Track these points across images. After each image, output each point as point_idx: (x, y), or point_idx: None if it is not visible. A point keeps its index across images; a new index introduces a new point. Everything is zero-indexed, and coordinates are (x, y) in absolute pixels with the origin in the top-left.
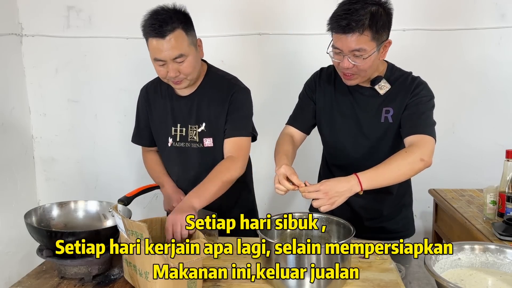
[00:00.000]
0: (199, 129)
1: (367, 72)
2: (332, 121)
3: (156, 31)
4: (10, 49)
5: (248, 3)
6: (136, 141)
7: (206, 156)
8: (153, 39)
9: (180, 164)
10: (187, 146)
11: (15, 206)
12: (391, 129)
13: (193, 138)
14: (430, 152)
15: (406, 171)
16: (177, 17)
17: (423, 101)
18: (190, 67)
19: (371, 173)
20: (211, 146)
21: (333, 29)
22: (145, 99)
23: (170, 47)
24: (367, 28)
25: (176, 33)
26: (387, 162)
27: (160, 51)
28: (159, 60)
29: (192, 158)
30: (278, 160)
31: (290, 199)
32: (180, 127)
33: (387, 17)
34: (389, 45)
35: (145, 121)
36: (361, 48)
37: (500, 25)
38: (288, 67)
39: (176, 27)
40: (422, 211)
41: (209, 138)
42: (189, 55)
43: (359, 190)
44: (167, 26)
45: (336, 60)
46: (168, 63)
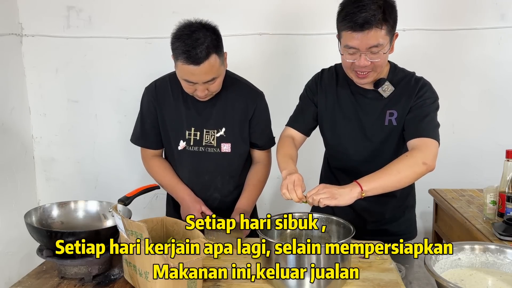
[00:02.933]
0: (218, 134)
1: (382, 67)
2: (334, 124)
3: (191, 58)
4: (10, 49)
5: (248, 3)
6: (140, 143)
7: (222, 161)
8: (185, 65)
9: (192, 168)
10: (202, 150)
11: (15, 206)
12: (395, 132)
13: (210, 142)
14: (433, 155)
15: (408, 175)
16: (211, 39)
17: (427, 103)
18: (219, 85)
19: (372, 178)
20: (228, 151)
21: (348, 28)
22: (154, 98)
23: (203, 72)
24: (384, 22)
25: (210, 59)
26: (389, 167)
27: (192, 75)
28: (189, 82)
29: (206, 163)
30: (285, 164)
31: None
32: (194, 130)
33: (394, 9)
34: (395, 38)
35: (152, 122)
36: (378, 43)
37: (500, 25)
38: (288, 67)
39: (210, 52)
40: (422, 211)
41: (227, 143)
42: (220, 76)
43: (360, 191)
44: (202, 52)
45: (351, 60)
46: (198, 84)
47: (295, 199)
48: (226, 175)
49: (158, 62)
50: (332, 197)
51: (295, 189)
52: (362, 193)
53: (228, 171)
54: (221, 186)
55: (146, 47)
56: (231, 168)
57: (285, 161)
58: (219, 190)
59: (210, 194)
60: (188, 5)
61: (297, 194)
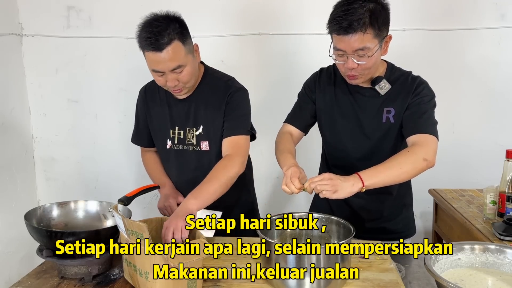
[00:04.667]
0: (197, 132)
1: (371, 69)
2: (332, 122)
3: (152, 45)
4: (10, 49)
5: (248, 3)
6: (135, 141)
7: (202, 159)
8: (149, 52)
9: (178, 166)
10: (185, 148)
11: (15, 206)
12: (393, 129)
13: (191, 141)
14: (433, 152)
15: (408, 170)
16: (173, 27)
17: (424, 100)
18: (188, 75)
19: (373, 171)
20: (207, 149)
21: (334, 31)
22: (144, 101)
23: (167, 59)
24: (369, 26)
25: (173, 45)
26: (389, 161)
27: (157, 63)
28: (157, 72)
29: (189, 161)
30: (284, 160)
31: (290, 199)
32: (178, 129)
33: (385, 12)
34: (389, 40)
35: (144, 122)
36: (364, 47)
37: (500, 25)
38: (288, 67)
39: (172, 38)
40: (422, 211)
41: (205, 141)
42: (187, 65)
43: (361, 186)
44: (163, 38)
45: (340, 61)
46: (166, 73)
47: (295, 191)
48: (207, 173)
49: None
50: (333, 190)
51: (292, 181)
52: (363, 188)
53: (208, 169)
54: None
55: None
56: (211, 166)
57: (284, 157)
58: None
59: None
60: (187, 5)
61: (295, 186)
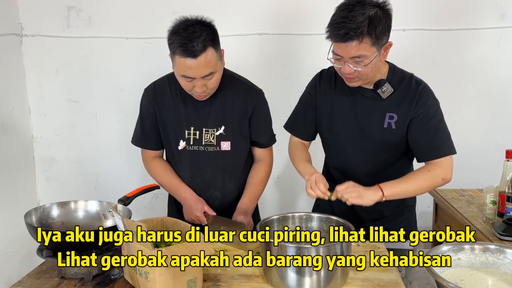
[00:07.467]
0: (217, 132)
1: (369, 75)
2: (332, 123)
3: (188, 51)
4: (10, 49)
5: (248, 3)
6: (140, 144)
7: (222, 159)
8: (182, 58)
9: (192, 168)
10: (201, 149)
11: (15, 206)
12: (394, 135)
13: (210, 141)
14: (451, 170)
15: (426, 188)
16: (207, 33)
17: (431, 113)
18: (217, 81)
19: (393, 183)
20: (228, 150)
21: (332, 37)
22: (153, 100)
23: (201, 66)
24: (366, 35)
25: (207, 52)
26: (410, 177)
27: (189, 69)
28: (187, 77)
29: (206, 162)
30: (304, 168)
31: (290, 200)
32: (193, 130)
33: (386, 19)
34: (389, 47)
35: (152, 123)
36: (361, 54)
37: (500, 25)
38: (288, 67)
39: (206, 45)
40: (422, 211)
41: (227, 141)
42: (217, 71)
43: (381, 195)
44: (198, 45)
45: (336, 65)
46: (196, 79)
47: (320, 195)
48: (226, 174)
49: (158, 62)
50: (359, 196)
51: (318, 186)
52: (383, 198)
53: (228, 169)
54: (221, 185)
55: (146, 47)
56: (231, 166)
57: (303, 166)
58: (220, 189)
59: (211, 193)
60: (187, 5)
61: (320, 190)
